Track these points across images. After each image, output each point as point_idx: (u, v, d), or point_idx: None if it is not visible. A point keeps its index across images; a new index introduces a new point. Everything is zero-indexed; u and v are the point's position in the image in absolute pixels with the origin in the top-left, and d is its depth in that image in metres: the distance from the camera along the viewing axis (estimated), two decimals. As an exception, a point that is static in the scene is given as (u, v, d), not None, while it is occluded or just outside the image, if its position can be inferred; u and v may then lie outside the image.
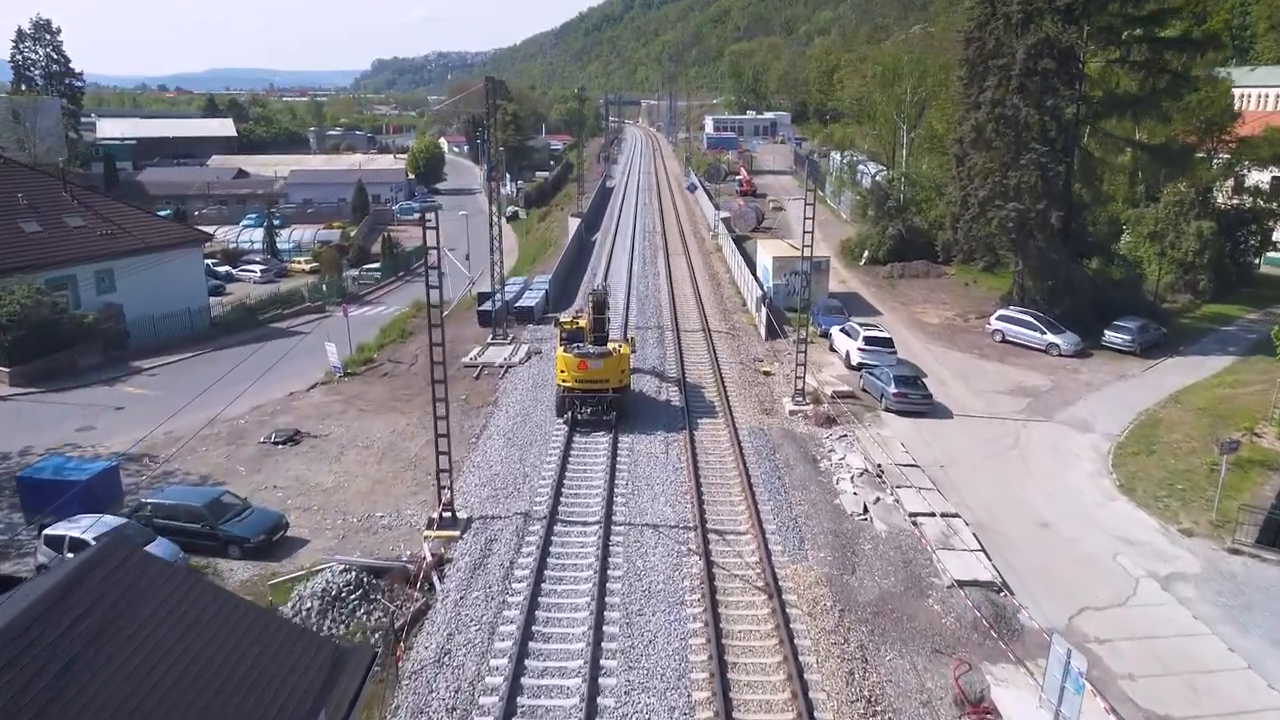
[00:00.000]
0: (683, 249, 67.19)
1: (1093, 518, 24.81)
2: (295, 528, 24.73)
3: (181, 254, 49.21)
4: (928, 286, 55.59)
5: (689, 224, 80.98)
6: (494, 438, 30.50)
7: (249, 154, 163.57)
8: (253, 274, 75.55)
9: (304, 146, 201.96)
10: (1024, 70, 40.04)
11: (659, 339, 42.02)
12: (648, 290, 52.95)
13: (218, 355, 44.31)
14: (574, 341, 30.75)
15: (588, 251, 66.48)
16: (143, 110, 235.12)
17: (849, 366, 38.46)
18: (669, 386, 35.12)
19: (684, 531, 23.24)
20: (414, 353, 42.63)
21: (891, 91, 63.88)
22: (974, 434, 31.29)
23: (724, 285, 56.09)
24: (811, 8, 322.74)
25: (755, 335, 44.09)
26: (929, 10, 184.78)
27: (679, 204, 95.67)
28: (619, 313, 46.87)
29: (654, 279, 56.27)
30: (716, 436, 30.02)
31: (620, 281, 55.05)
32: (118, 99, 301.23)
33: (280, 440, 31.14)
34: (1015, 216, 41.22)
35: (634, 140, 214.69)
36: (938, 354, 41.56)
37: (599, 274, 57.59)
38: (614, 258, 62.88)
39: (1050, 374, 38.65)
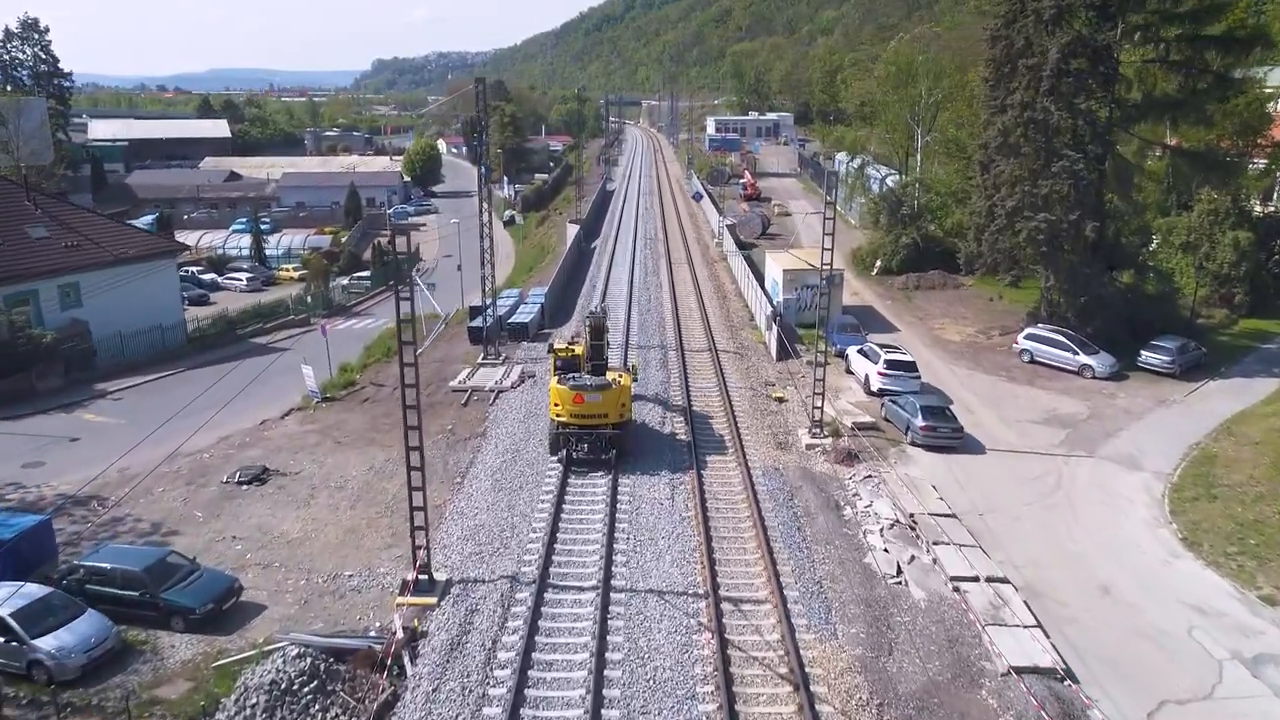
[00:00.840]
0: (686, 258, 64.23)
1: (1157, 580, 21.86)
2: (252, 590, 21.79)
3: (154, 266, 46.26)
4: (945, 299, 52.61)
5: (692, 230, 78.05)
6: (480, 478, 27.55)
7: (243, 155, 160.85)
8: (239, 282, 72.67)
9: (300, 148, 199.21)
10: (1056, 71, 37.06)
11: (662, 360, 39.04)
12: (650, 303, 49.98)
13: (192, 375, 41.40)
14: (569, 371, 27.81)
15: (586, 260, 63.54)
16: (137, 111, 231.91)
17: (869, 392, 35.49)
18: (674, 417, 32.15)
19: (693, 600, 20.30)
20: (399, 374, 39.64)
21: (905, 93, 60.92)
22: (1012, 473, 28.33)
23: (730, 298, 53.13)
24: (814, 7, 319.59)
25: (765, 355, 41.13)
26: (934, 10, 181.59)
27: (681, 208, 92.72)
28: (619, 328, 43.97)
29: (656, 291, 53.30)
30: (727, 477, 27.07)
31: (620, 294, 52.09)
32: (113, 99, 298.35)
33: (245, 480, 28.19)
34: (1045, 228, 38.25)
35: (635, 141, 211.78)
36: (962, 376, 38.58)
37: (598, 285, 54.65)
38: (614, 267, 59.93)
39: (1086, 399, 35.69)
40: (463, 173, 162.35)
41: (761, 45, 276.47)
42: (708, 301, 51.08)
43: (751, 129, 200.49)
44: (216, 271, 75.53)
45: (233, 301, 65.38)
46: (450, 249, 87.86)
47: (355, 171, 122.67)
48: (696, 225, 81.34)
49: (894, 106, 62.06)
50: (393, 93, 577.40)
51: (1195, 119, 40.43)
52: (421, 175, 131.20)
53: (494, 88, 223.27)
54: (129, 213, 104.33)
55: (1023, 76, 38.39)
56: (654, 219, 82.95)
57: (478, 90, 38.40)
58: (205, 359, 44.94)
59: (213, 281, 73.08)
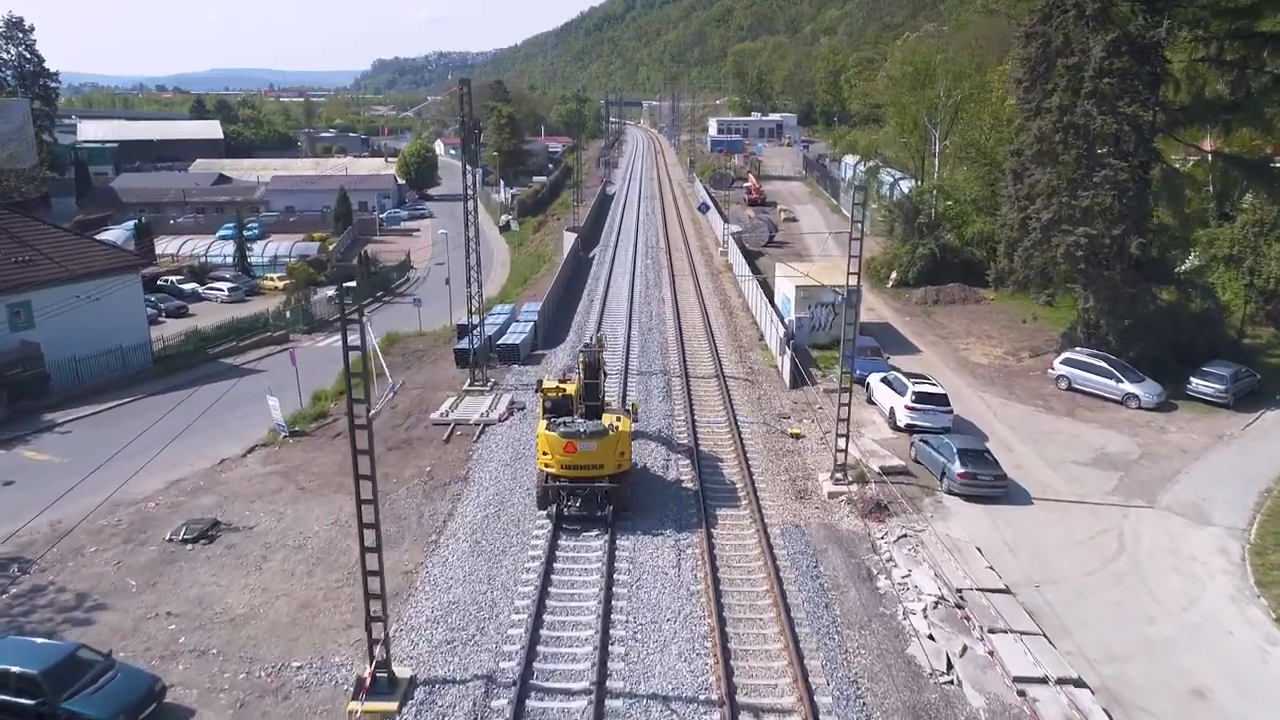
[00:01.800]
0: (689, 268, 60.76)
1: (1259, 678, 18.40)
2: (179, 688, 18.35)
3: (117, 281, 42.82)
4: (968, 315, 49.15)
5: (695, 237, 74.58)
6: (459, 535, 24.10)
7: (236, 157, 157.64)
8: (220, 293, 69.25)
9: (295, 149, 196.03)
10: (1099, 70, 33.60)
11: (665, 389, 35.54)
12: (651, 321, 46.51)
13: (154, 402, 38.00)
14: (560, 414, 24.34)
15: (585, 271, 60.07)
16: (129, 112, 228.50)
17: (894, 427, 32.02)
18: (679, 459, 28.67)
19: (705, 711, 16.83)
20: (376, 402, 36.21)
21: (922, 94, 57.42)
22: (1066, 530, 24.85)
23: (737, 313, 49.65)
24: (816, 7, 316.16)
25: (777, 381, 37.64)
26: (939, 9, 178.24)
27: (684, 213, 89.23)
28: (618, 350, 40.54)
29: (658, 306, 49.83)
30: (741, 538, 23.61)
31: (620, 310, 48.64)
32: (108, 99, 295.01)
33: (190, 538, 24.73)
34: (1086, 244, 34.79)
35: (635, 142, 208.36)
36: (995, 406, 35.11)
37: (596, 300, 51.16)
38: (613, 279, 56.47)
39: (1134, 434, 32.23)
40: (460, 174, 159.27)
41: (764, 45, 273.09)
42: (713, 318, 47.62)
43: (754, 130, 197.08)
44: (198, 281, 72.12)
45: (212, 314, 62.03)
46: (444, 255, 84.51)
47: (347, 175, 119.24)
48: (700, 232, 77.90)
49: (911, 109, 58.51)
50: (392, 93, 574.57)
51: (1251, 123, 36.92)
52: (417, 178, 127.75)
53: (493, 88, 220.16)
54: (112, 217, 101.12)
55: (1061, 77, 34.92)
56: (655, 225, 79.53)
57: (462, 92, 34.99)
58: (171, 383, 41.53)
59: (193, 292, 69.68)
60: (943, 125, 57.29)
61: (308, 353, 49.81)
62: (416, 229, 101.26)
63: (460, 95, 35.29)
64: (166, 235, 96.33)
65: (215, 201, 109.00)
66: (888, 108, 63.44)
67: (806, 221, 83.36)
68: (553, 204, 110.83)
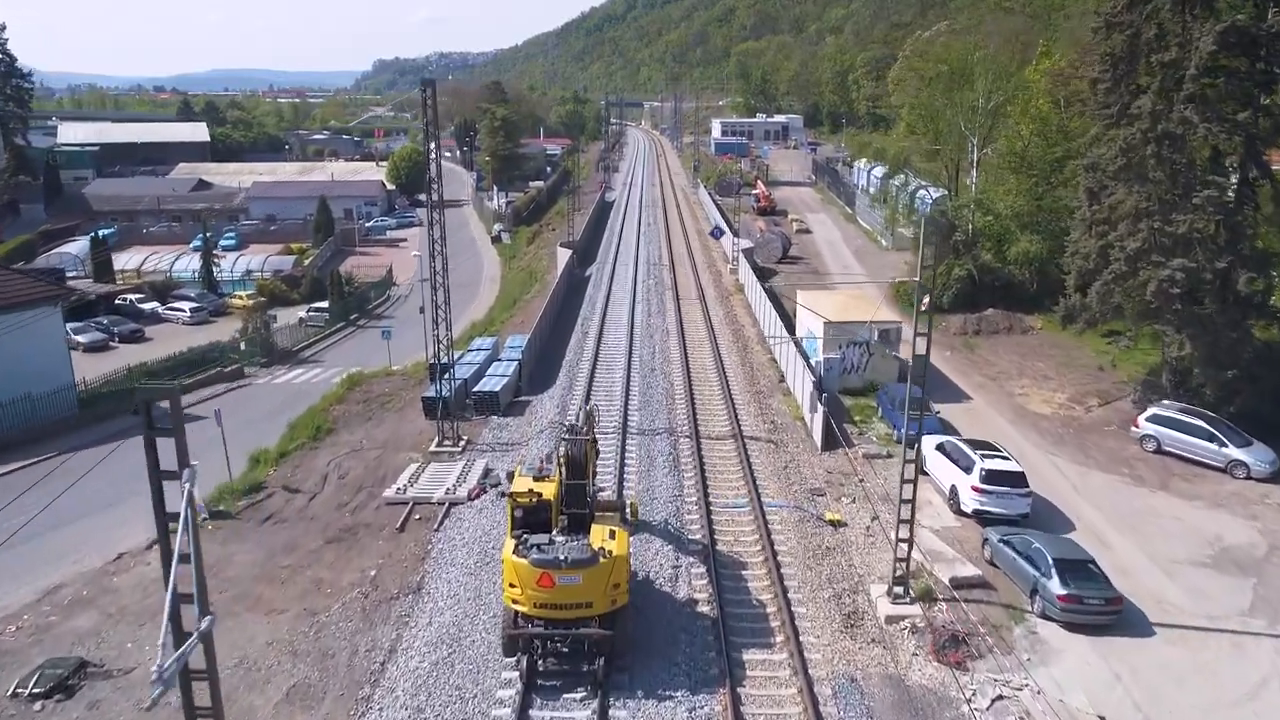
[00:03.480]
0: (696, 289, 54.55)
1: None
2: None
3: (31, 316, 36.70)
4: (1016, 349, 42.98)
5: (701, 251, 68.39)
6: (397, 693, 17.93)
7: (224, 160, 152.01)
8: (181, 314, 63.15)
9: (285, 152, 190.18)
10: (1203, 68, 27.49)
11: (671, 455, 29.32)
12: (654, 360, 40.27)
13: (68, 465, 31.89)
14: (533, 527, 18.17)
15: (579, 294, 53.90)
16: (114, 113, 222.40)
17: (957, 511, 25.86)
18: (691, 564, 22.47)
19: None
20: (325, 470, 30.09)
21: (957, 97, 51.17)
22: (1212, 679, 18.70)
23: (752, 346, 43.46)
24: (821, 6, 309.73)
25: (805, 440, 31.47)
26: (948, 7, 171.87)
27: (688, 223, 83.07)
28: (614, 402, 34.40)
29: (662, 340, 43.65)
30: (778, 700, 17.45)
31: (618, 344, 42.48)
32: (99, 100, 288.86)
33: (43, 690, 18.59)
34: (1183, 278, 28.65)
35: (636, 144, 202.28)
36: (1071, 475, 28.96)
37: (591, 331, 44.96)
38: (611, 306, 50.26)
39: (1252, 517, 26.08)
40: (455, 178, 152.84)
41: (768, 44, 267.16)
42: (726, 353, 41.44)
43: (759, 132, 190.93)
44: (160, 300, 66.04)
45: (171, 339, 56.12)
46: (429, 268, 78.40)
47: (334, 180, 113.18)
48: (706, 244, 71.70)
49: (946, 113, 52.24)
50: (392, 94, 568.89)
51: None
52: (408, 183, 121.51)
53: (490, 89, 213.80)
54: (80, 226, 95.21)
55: (1152, 76, 28.81)
56: (658, 236, 73.39)
57: (424, 96, 28.89)
58: (95, 434, 35.48)
59: (152, 313, 63.64)
60: (981, 131, 51.07)
61: (261, 392, 43.81)
62: (404, 239, 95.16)
63: (423, 99, 29.17)
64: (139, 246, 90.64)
65: (192, 209, 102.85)
66: (918, 111, 56.93)
67: (821, 233, 77.21)
68: (549, 211, 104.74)
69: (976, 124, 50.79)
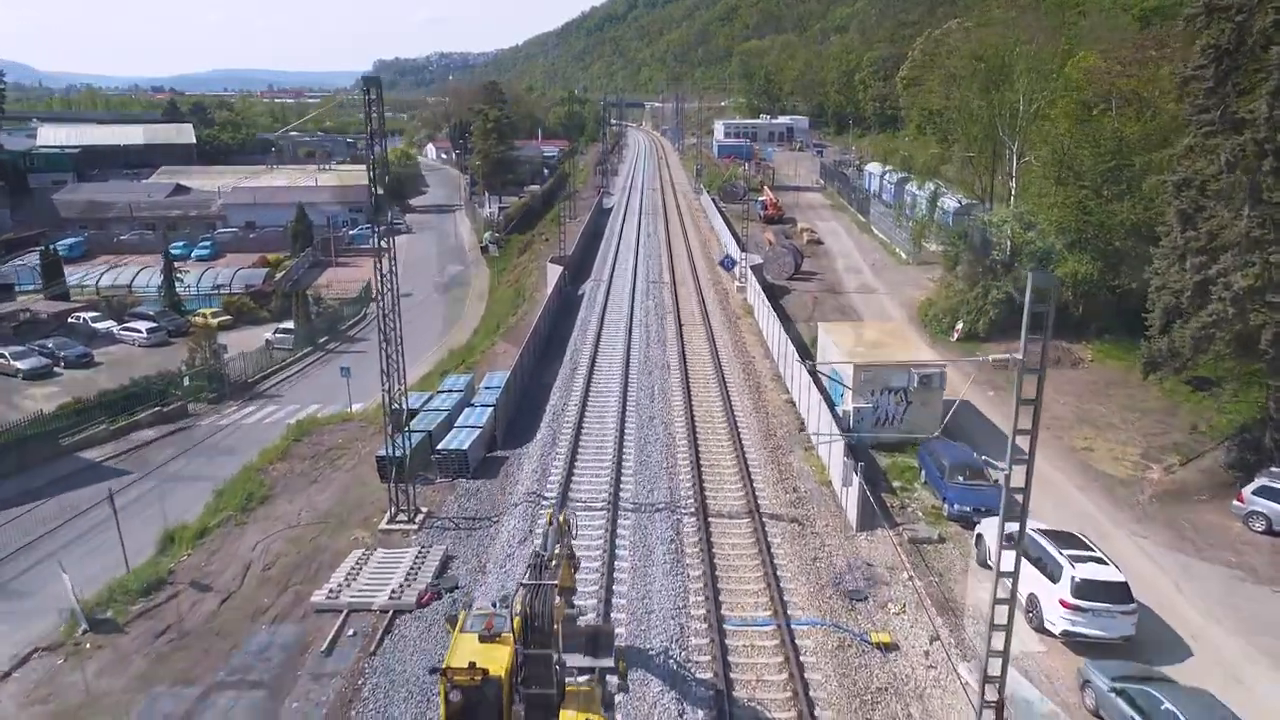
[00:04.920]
0: (700, 312, 48.95)
1: None
2: None
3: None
4: (1070, 387, 37.38)
5: (705, 265, 62.81)
6: None
7: (211, 163, 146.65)
8: (137, 334, 57.57)
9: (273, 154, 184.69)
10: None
11: (672, 545, 23.62)
12: (654, 407, 34.54)
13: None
14: (475, 718, 12.59)
15: (569, 316, 48.37)
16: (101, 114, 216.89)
17: (1039, 629, 20.29)
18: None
19: None
20: (250, 556, 24.54)
21: (994, 98, 45.45)
22: None
23: (765, 384, 37.86)
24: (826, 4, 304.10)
25: (835, 515, 25.88)
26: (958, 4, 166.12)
27: (690, 232, 77.52)
28: (604, 457, 28.90)
29: (662, 377, 38.03)
30: None
31: (611, 387, 36.84)
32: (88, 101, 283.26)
33: None
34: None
35: (637, 146, 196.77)
36: (1169, 566, 23.39)
37: (580, 369, 39.33)
38: (605, 334, 44.66)
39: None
40: (450, 181, 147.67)
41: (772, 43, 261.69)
42: (736, 394, 35.86)
43: (763, 133, 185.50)
44: (116, 318, 60.52)
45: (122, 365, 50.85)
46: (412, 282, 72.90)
47: (316, 185, 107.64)
48: (710, 254, 66.14)
49: (982, 115, 46.47)
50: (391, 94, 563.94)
51: None
52: (395, 187, 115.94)
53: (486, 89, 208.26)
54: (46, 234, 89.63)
55: (1268, 75, 23.25)
56: (658, 249, 67.81)
57: (367, 96, 23.45)
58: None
59: (107, 333, 58.17)
60: (1022, 135, 45.43)
61: (204, 436, 38.27)
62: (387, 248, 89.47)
63: (366, 101, 23.69)
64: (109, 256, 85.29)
65: (166, 216, 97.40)
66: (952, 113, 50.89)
67: (834, 244, 71.65)
68: (544, 218, 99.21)
69: (1017, 128, 45.13)
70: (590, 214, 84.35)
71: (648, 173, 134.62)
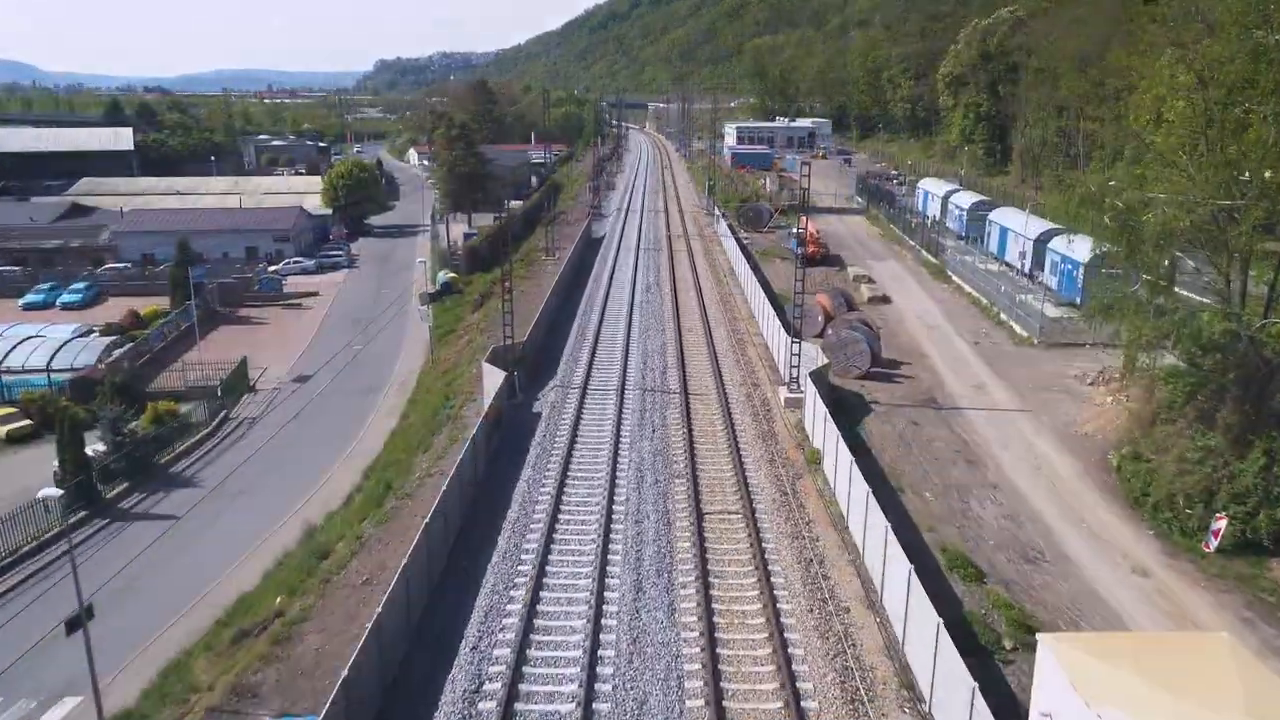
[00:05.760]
0: (735, 476, 28.64)
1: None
2: None
3: None
4: None
5: (730, 344, 42.71)
6: None
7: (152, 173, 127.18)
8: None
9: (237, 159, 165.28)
10: None
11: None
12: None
13: None
14: None
15: (502, 485, 28.20)
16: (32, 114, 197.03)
17: None
18: None
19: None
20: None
21: (1257, 132, 24.60)
22: None
23: (876, 668, 17.84)
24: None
25: None
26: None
27: (705, 282, 57.50)
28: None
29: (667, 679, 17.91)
30: None
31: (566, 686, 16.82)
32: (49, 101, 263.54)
33: None
34: None
35: (639, 152, 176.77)
36: None
37: (506, 648, 19.22)
38: (561, 527, 24.52)
39: None
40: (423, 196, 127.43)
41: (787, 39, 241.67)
42: None
43: (781, 138, 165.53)
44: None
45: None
46: (317, 354, 52.95)
47: (240, 209, 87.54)
48: (733, 322, 46.13)
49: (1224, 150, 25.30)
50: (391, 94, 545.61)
51: None
52: (349, 205, 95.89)
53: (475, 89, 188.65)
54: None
55: None
56: (660, 314, 47.69)
57: None
58: None
59: None
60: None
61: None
62: (315, 291, 69.61)
63: None
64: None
65: (39, 248, 77.42)
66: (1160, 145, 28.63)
67: (905, 301, 51.69)
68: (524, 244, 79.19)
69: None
70: (574, 248, 64.44)
71: (649, 187, 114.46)
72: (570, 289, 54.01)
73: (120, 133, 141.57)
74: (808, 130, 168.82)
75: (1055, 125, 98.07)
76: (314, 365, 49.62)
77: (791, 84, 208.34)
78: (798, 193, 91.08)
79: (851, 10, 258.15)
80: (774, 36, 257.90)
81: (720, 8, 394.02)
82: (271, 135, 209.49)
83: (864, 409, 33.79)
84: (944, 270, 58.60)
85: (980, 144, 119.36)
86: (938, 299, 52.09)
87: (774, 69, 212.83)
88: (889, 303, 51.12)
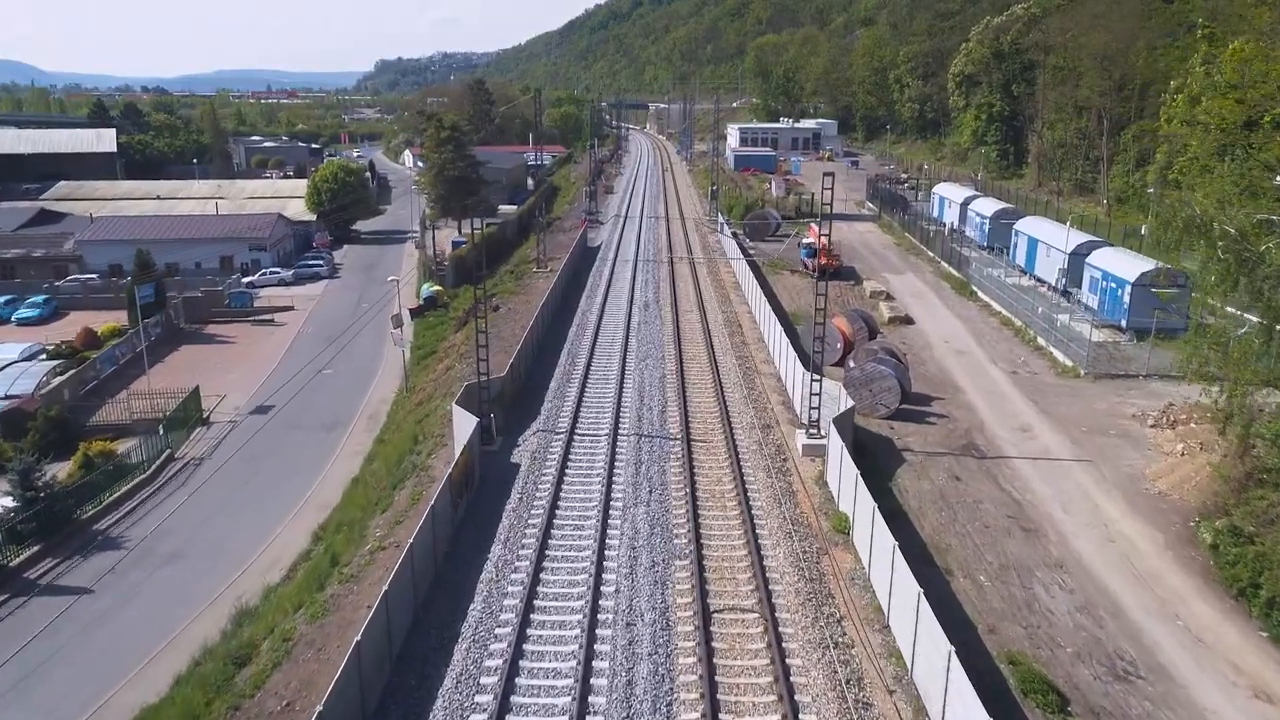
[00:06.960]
0: (748, 552, 23.98)
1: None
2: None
3: None
4: None
5: (739, 375, 38.01)
6: None
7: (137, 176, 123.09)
8: None
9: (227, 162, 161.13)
10: None
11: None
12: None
13: None
14: None
15: (466, 579, 23.54)
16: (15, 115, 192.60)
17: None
18: None
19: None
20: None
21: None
22: None
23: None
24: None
25: None
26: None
27: (709, 303, 52.84)
28: None
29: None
30: None
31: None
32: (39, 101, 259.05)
33: None
34: None
35: (640, 154, 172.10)
36: None
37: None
38: (536, 626, 19.91)
39: None
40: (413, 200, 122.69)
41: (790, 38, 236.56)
42: None
43: (785, 139, 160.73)
44: None
45: None
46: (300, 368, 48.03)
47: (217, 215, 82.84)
48: (743, 353, 41.42)
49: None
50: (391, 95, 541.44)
51: None
52: (333, 212, 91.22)
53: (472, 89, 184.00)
54: None
55: None
56: (660, 346, 43.01)
57: None
58: None
59: None
60: None
61: None
62: (290, 305, 64.88)
63: None
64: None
65: (1, 258, 72.78)
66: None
67: (930, 323, 46.92)
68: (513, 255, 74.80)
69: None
70: (568, 258, 59.76)
71: (651, 191, 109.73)
72: (561, 307, 49.33)
73: (103, 134, 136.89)
74: (813, 131, 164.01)
75: (1075, 126, 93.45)
76: (279, 392, 44.87)
77: (795, 84, 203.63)
78: (804, 196, 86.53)
79: (856, 8, 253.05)
80: (777, 35, 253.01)
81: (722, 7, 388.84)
82: (264, 136, 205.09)
83: (895, 458, 29.09)
84: (968, 285, 53.86)
85: (993, 146, 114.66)
86: (964, 318, 47.36)
87: (777, 69, 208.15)
88: (911, 324, 46.43)
